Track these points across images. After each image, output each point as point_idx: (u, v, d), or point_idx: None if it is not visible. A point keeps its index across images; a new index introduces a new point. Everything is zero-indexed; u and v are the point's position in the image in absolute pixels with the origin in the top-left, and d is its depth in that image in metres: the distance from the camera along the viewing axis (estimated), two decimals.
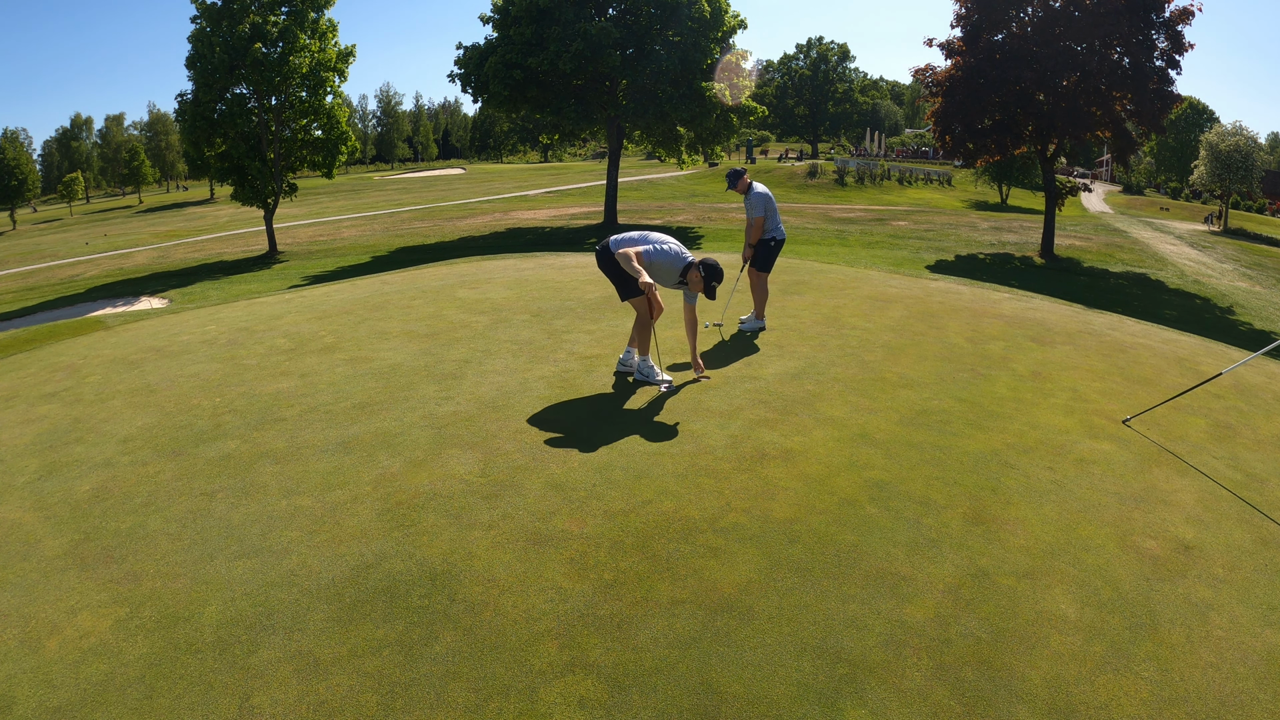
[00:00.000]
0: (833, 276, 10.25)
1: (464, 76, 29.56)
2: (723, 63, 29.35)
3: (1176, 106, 25.70)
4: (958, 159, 32.36)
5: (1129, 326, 8.29)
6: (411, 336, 7.02)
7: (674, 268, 5.33)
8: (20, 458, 4.73)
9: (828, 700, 2.53)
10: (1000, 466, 4.28)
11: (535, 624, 2.90)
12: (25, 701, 2.59)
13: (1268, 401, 5.84)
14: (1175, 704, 2.57)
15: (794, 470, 4.15)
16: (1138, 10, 23.31)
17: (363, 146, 67.88)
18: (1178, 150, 63.27)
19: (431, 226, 33.52)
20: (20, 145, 73.75)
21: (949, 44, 26.37)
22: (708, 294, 5.29)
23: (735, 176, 7.25)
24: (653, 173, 55.66)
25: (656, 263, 5.26)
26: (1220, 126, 45.04)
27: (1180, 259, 28.37)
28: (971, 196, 47.10)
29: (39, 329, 10.65)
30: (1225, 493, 4.16)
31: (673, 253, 5.35)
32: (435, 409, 5.07)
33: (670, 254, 5.33)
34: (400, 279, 11.17)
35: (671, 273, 5.36)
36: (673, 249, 5.38)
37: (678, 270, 5.34)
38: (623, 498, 3.83)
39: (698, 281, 5.27)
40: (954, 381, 5.69)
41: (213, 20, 26.48)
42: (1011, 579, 3.23)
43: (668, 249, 5.34)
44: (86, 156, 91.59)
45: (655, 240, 5.37)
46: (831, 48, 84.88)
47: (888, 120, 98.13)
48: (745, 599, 3.04)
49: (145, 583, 3.24)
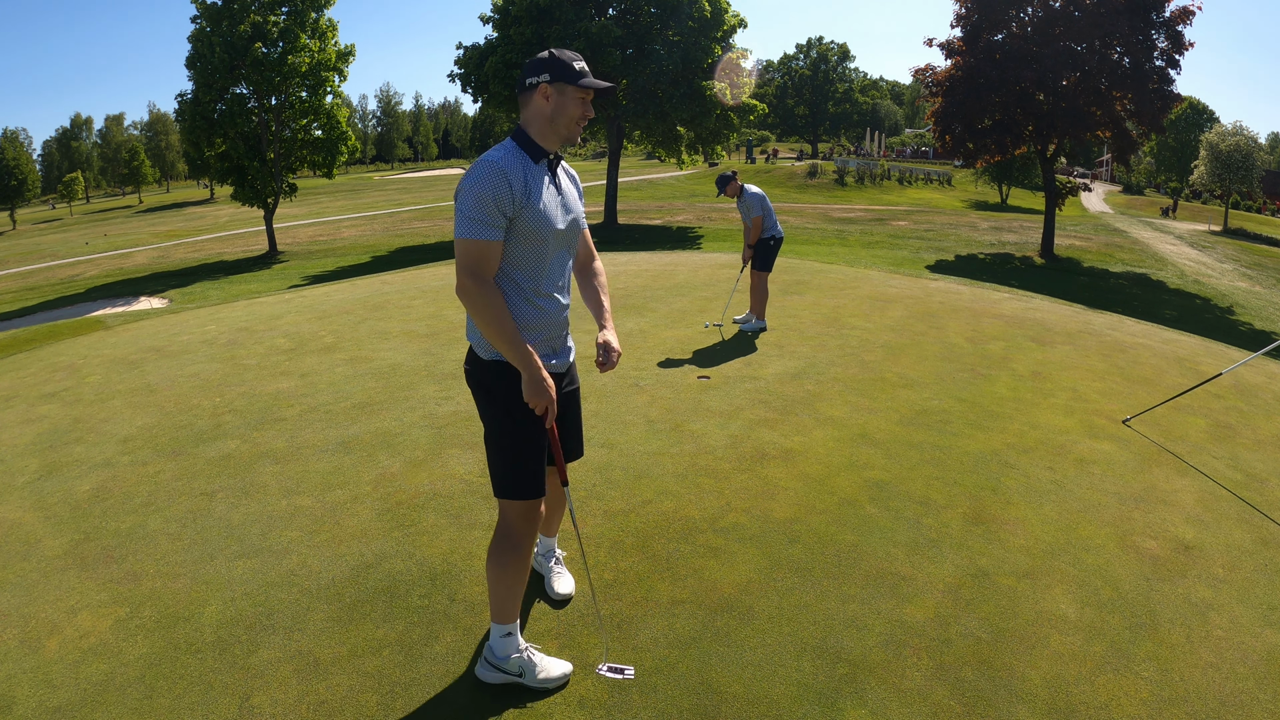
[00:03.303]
0: (833, 276, 10.25)
1: (464, 76, 29.57)
2: (723, 62, 29.34)
3: (1176, 106, 25.71)
4: (958, 159, 32.36)
5: (1129, 326, 8.29)
6: (411, 336, 7.02)
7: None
8: (20, 458, 4.72)
9: (828, 700, 2.53)
10: (1000, 466, 4.28)
11: (535, 624, 2.90)
12: (25, 701, 2.59)
13: (1268, 401, 5.84)
14: (1175, 704, 2.57)
15: (794, 470, 4.15)
16: (1138, 10, 23.31)
17: (363, 146, 67.70)
18: (1178, 150, 63.27)
19: (431, 226, 33.51)
20: (20, 145, 73.68)
21: (949, 44, 26.37)
22: None
23: (724, 182, 7.23)
24: (653, 173, 55.66)
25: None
26: (1220, 126, 45.06)
27: (1180, 259, 28.37)
28: (971, 196, 47.09)
29: (39, 329, 10.65)
30: (1225, 493, 4.16)
31: None
32: (435, 409, 5.07)
33: None
34: (400, 279, 11.17)
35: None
36: None
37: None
38: (623, 498, 3.83)
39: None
40: (954, 381, 5.69)
41: (213, 20, 26.48)
42: (1011, 579, 3.23)
43: None
44: (86, 156, 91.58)
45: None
46: (831, 48, 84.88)
47: (888, 120, 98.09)
48: (745, 599, 3.04)
49: (145, 583, 3.24)
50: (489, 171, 2.29)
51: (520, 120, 2.44)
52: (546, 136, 2.41)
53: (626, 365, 5.99)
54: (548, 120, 2.39)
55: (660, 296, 8.71)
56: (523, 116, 2.42)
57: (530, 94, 2.39)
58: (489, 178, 2.30)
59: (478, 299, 2.29)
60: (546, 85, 2.36)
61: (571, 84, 2.37)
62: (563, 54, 2.36)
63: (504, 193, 2.29)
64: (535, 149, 2.41)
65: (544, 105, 2.38)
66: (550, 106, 2.38)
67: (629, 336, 6.87)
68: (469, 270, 2.30)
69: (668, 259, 12.34)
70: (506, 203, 2.30)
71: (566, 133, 2.41)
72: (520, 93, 2.42)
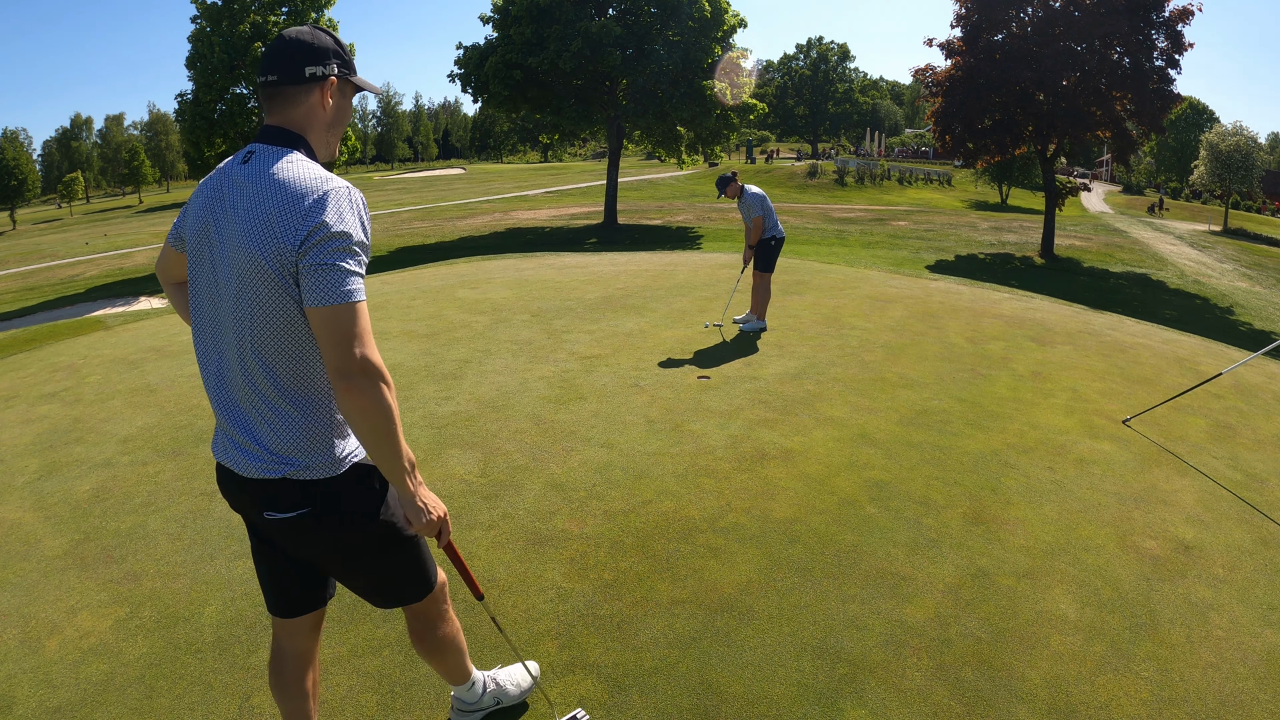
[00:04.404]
0: (833, 276, 10.25)
1: (464, 76, 29.55)
2: (723, 62, 29.34)
3: (1176, 106, 25.71)
4: (958, 159, 32.36)
5: (1129, 326, 8.29)
6: (411, 336, 7.02)
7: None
8: (20, 458, 4.72)
9: (828, 700, 2.53)
10: (1000, 466, 4.28)
11: (535, 624, 2.90)
12: (25, 701, 2.59)
13: (1268, 401, 5.83)
14: (1175, 704, 2.57)
15: (794, 470, 4.15)
16: (1138, 10, 23.31)
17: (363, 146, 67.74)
18: (1178, 150, 63.28)
19: (431, 226, 33.50)
20: (20, 145, 73.68)
21: (949, 44, 26.37)
22: None
23: (724, 183, 7.23)
24: (653, 173, 55.65)
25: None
26: (1220, 126, 45.04)
27: (1180, 259, 28.36)
28: (971, 196, 47.08)
29: (39, 329, 10.66)
30: (1225, 493, 4.16)
31: None
32: (435, 409, 5.06)
33: None
34: (400, 279, 11.17)
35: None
36: None
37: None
38: (623, 498, 3.83)
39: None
40: (954, 381, 5.69)
41: (213, 20, 26.47)
42: (1011, 579, 3.23)
43: None
44: (86, 156, 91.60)
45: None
46: (831, 48, 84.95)
47: (888, 120, 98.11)
48: (745, 599, 3.04)
49: (145, 583, 3.24)
50: (358, 195, 1.68)
51: (281, 120, 1.73)
52: (321, 151, 1.80)
53: (626, 365, 5.99)
54: (326, 128, 1.79)
55: (660, 296, 8.71)
56: (290, 117, 1.74)
57: (309, 89, 1.73)
58: (362, 205, 1.68)
59: (385, 387, 1.60)
60: (334, 79, 1.76)
61: (351, 80, 1.82)
62: (338, 37, 1.79)
63: (369, 228, 1.71)
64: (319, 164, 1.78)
65: (326, 106, 1.77)
66: (332, 109, 1.78)
67: (629, 336, 6.87)
68: (371, 344, 1.60)
69: (668, 259, 12.34)
70: (368, 242, 1.70)
71: (335, 147, 1.84)
72: (285, 84, 1.72)
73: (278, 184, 1.63)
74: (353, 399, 1.57)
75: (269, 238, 1.60)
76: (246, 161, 1.70)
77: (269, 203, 1.62)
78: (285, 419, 1.71)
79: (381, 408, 1.59)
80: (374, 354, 1.59)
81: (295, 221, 1.59)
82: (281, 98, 1.73)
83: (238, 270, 1.64)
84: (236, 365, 1.70)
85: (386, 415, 1.60)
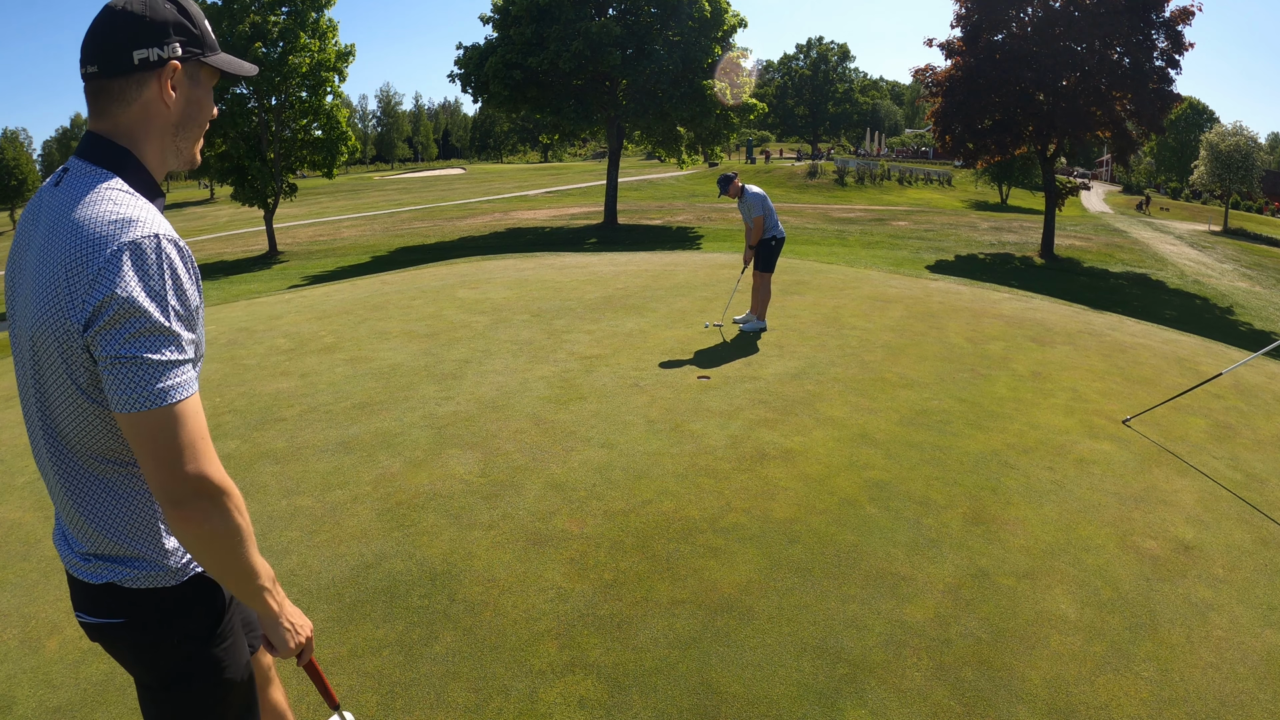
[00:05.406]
0: (833, 276, 10.25)
1: (464, 76, 29.56)
2: (723, 62, 29.35)
3: (1176, 106, 25.72)
4: (958, 159, 32.37)
5: (1129, 326, 8.29)
6: (411, 336, 7.02)
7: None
8: (20, 458, 4.72)
9: (828, 700, 2.53)
10: (1000, 466, 4.28)
11: (535, 624, 2.90)
12: (25, 701, 2.59)
13: (1268, 401, 5.84)
14: (1175, 704, 2.57)
15: (794, 470, 4.15)
16: (1138, 10, 23.31)
17: (363, 146, 67.64)
18: (1178, 150, 63.24)
19: (431, 226, 33.50)
20: (20, 145, 73.64)
21: (949, 44, 26.37)
22: None
23: (726, 182, 7.25)
24: (653, 173, 55.64)
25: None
26: (1220, 126, 45.04)
27: (1180, 259, 28.36)
28: (971, 196, 47.09)
29: None
30: (1225, 493, 4.16)
31: None
32: (435, 409, 5.07)
33: None
34: (400, 279, 11.17)
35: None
36: None
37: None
38: (623, 498, 3.83)
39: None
40: (954, 381, 5.69)
41: (212, 20, 26.48)
42: (1011, 579, 3.23)
43: None
44: None
45: None
46: (831, 48, 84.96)
47: (888, 120, 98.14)
48: (745, 599, 3.04)
49: None
50: (172, 249, 1.22)
51: (107, 125, 1.29)
52: (167, 159, 1.35)
53: (627, 365, 5.99)
54: (173, 130, 1.34)
55: (660, 296, 8.71)
56: (117, 121, 1.29)
57: (143, 81, 1.28)
58: (180, 261, 1.23)
59: (230, 505, 1.25)
60: (178, 64, 1.30)
61: (205, 61, 1.35)
62: (187, 3, 1.32)
63: (193, 291, 1.27)
64: (153, 186, 1.33)
65: (169, 102, 1.30)
66: (179, 104, 1.32)
67: (629, 337, 6.87)
68: (206, 455, 1.22)
69: (668, 259, 12.34)
70: (195, 308, 1.27)
71: (192, 150, 1.38)
72: (112, 77, 1.27)
73: (72, 229, 1.20)
74: (189, 528, 1.21)
75: (52, 307, 1.20)
76: (59, 184, 1.29)
77: (57, 255, 1.20)
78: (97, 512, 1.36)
79: (228, 531, 1.25)
80: (210, 467, 1.21)
81: (81, 289, 1.17)
82: (105, 95, 1.27)
83: (30, 335, 1.26)
84: (43, 447, 1.37)
85: (235, 538, 1.26)
